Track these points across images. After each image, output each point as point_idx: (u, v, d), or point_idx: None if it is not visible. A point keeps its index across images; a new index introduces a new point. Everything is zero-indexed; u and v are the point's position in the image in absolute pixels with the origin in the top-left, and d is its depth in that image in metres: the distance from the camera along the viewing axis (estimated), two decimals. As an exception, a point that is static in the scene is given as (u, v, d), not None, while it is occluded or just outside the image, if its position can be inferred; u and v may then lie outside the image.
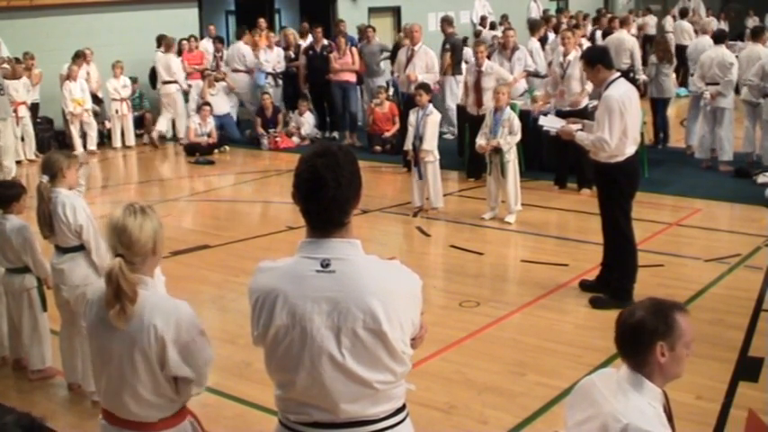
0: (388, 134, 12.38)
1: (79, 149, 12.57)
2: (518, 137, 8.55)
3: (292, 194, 2.46)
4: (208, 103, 13.44)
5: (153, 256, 2.84)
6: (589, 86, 9.35)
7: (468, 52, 13.52)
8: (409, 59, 10.94)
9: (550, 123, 6.89)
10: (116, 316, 2.70)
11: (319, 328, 2.38)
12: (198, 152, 12.69)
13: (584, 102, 9.55)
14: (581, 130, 6.30)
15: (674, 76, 12.37)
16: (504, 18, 17.62)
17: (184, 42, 14.50)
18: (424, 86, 9.16)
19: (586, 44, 12.00)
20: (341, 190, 2.39)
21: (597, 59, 6.13)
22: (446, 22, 13.33)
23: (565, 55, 9.68)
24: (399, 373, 2.46)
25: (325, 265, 2.40)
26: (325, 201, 2.38)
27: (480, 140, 8.68)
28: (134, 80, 14.25)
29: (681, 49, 16.23)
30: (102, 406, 2.92)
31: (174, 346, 2.73)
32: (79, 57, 12.96)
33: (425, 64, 10.91)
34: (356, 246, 2.45)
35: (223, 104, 13.83)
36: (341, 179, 2.39)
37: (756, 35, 10.86)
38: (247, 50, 14.21)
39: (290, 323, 2.40)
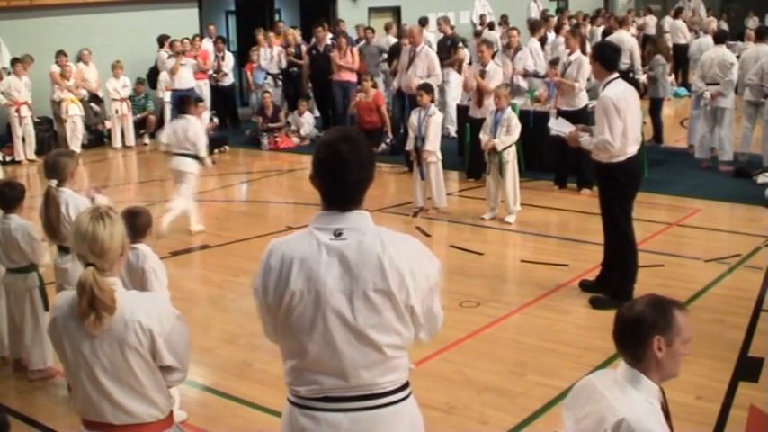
0: (370, 127, 12.00)
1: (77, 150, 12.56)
2: (514, 137, 8.54)
3: (311, 177, 2.61)
4: (201, 99, 13.46)
5: (120, 258, 2.83)
6: (579, 85, 9.40)
7: (466, 52, 13.76)
8: (411, 61, 10.96)
9: (559, 127, 6.85)
10: (92, 325, 2.67)
11: (332, 292, 2.50)
12: None
13: (584, 101, 9.55)
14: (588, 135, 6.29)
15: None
16: (504, 18, 17.62)
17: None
18: (425, 87, 9.16)
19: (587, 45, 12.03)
20: (363, 172, 2.57)
21: (598, 57, 6.14)
22: (444, 21, 14.08)
23: (569, 54, 9.70)
24: (405, 337, 2.59)
25: (337, 234, 2.54)
26: (349, 183, 2.55)
27: (483, 136, 8.70)
28: (141, 81, 14.25)
29: (677, 49, 16.29)
30: (89, 417, 2.83)
31: (160, 337, 2.74)
32: (61, 54, 12.97)
33: (426, 66, 10.93)
34: (366, 216, 2.60)
35: (188, 78, 13.67)
36: (363, 162, 2.56)
37: (761, 35, 10.82)
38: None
39: (304, 288, 2.51)
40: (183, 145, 8.31)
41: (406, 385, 2.65)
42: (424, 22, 14.01)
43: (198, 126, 8.53)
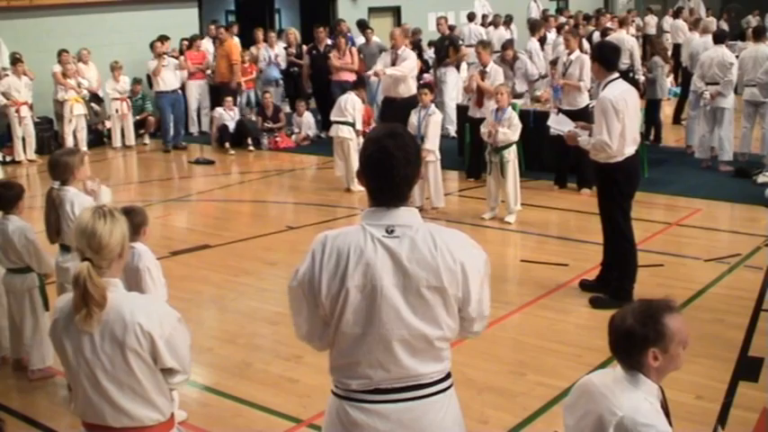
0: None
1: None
2: (516, 135, 8.54)
3: (357, 174, 2.67)
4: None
5: (119, 259, 2.83)
6: (584, 84, 9.40)
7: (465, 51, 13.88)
8: (393, 63, 10.99)
9: (558, 125, 6.82)
10: (83, 320, 2.67)
11: (389, 288, 2.55)
12: (228, 140, 13.01)
13: (585, 101, 9.55)
14: (588, 133, 6.28)
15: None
16: (499, 17, 17.60)
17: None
18: (428, 86, 9.18)
19: (586, 44, 12.04)
20: (409, 168, 2.59)
21: (597, 57, 6.15)
22: (444, 21, 14.49)
23: (568, 54, 9.70)
24: (453, 329, 2.67)
25: (390, 231, 2.58)
26: (397, 178, 2.57)
27: (484, 129, 8.69)
28: (137, 81, 14.23)
29: (677, 48, 16.27)
30: (89, 420, 2.83)
31: (161, 340, 2.73)
32: (63, 53, 12.94)
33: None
34: (415, 213, 2.64)
35: (172, 80, 13.45)
36: (409, 157, 2.59)
37: (759, 35, 10.81)
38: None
39: (361, 283, 2.56)
40: None
41: (449, 375, 2.72)
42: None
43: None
